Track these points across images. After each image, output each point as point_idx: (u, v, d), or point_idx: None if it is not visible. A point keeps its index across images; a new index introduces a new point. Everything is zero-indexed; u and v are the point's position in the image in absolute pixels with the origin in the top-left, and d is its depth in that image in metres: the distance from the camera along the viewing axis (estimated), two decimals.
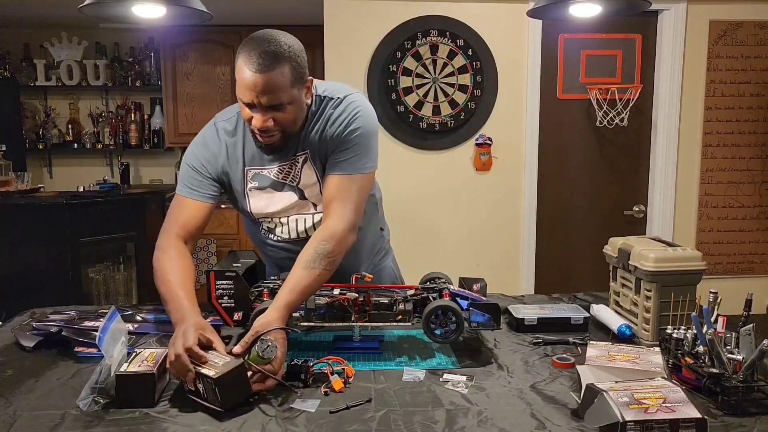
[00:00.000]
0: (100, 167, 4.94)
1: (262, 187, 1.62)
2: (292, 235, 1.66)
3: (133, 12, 1.68)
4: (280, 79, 1.41)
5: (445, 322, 1.41)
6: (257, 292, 1.48)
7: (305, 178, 1.60)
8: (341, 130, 1.54)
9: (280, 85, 1.42)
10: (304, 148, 1.58)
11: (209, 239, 4.42)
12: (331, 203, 1.53)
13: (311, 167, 1.59)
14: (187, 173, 1.61)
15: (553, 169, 3.66)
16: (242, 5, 3.99)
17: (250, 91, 1.42)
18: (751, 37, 3.57)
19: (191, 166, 1.62)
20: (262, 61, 1.40)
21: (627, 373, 1.22)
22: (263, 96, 1.41)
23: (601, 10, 1.87)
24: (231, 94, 4.69)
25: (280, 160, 1.59)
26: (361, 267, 1.72)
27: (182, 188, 1.61)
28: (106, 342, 1.26)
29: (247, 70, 1.41)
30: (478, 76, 3.51)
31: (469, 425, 1.13)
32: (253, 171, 1.61)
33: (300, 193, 1.62)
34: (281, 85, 1.42)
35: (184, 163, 1.65)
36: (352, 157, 1.54)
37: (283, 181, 1.61)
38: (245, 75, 1.41)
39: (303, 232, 1.65)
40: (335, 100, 1.57)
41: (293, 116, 1.49)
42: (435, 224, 3.60)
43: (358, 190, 1.55)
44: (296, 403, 1.21)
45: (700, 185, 3.69)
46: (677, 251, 1.58)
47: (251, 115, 1.46)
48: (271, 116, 1.45)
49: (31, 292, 3.09)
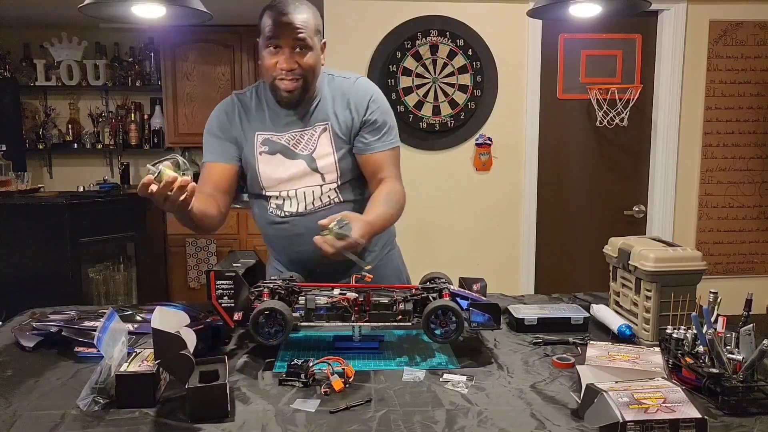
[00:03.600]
0: (100, 167, 4.94)
1: (273, 152, 1.71)
2: (300, 208, 1.71)
3: (133, 12, 1.68)
4: (305, 21, 1.60)
5: (445, 322, 1.41)
6: (257, 292, 1.48)
7: (321, 148, 1.70)
8: (364, 110, 1.70)
9: (305, 26, 1.60)
10: (323, 119, 1.71)
11: (209, 239, 4.42)
12: (381, 175, 1.71)
13: (329, 138, 1.70)
14: (207, 141, 1.77)
15: (553, 169, 3.66)
16: (242, 5, 3.98)
17: (280, 29, 1.58)
18: (751, 37, 3.57)
19: (210, 133, 1.78)
20: (291, 6, 1.60)
21: (627, 373, 1.22)
22: (292, 33, 1.58)
23: (601, 10, 1.87)
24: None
25: (295, 127, 1.70)
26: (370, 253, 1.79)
27: (206, 155, 1.77)
28: (106, 342, 1.26)
29: (277, 14, 1.59)
30: (478, 76, 3.51)
31: (469, 425, 1.13)
32: (264, 136, 1.71)
33: (311, 162, 1.70)
34: (307, 26, 1.60)
35: (204, 134, 1.79)
36: (383, 135, 1.73)
37: (293, 149, 1.70)
38: (277, 17, 1.59)
39: (311, 203, 1.70)
40: (349, 79, 1.74)
41: (313, 63, 1.64)
42: (435, 224, 3.60)
43: (398, 162, 1.77)
44: (296, 403, 1.21)
45: (700, 185, 3.69)
46: (677, 251, 1.58)
47: (276, 60, 1.61)
48: (296, 59, 1.60)
49: (31, 292, 3.09)
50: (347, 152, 1.73)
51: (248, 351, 1.50)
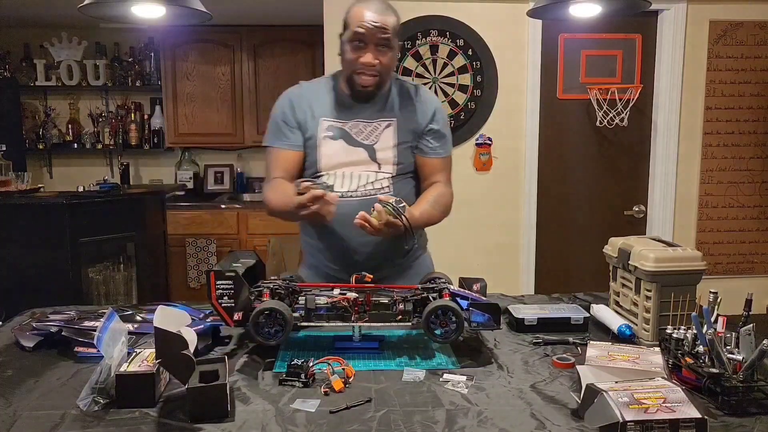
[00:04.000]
0: (100, 167, 4.94)
1: (335, 137, 1.80)
2: (352, 187, 1.78)
3: (133, 12, 1.68)
4: (390, 24, 1.72)
5: (445, 322, 1.41)
6: (257, 292, 1.48)
7: (383, 141, 1.80)
8: (430, 117, 1.85)
9: (390, 28, 1.72)
10: (390, 116, 1.82)
11: (209, 239, 4.42)
12: (436, 178, 1.87)
13: (392, 134, 1.81)
14: (275, 127, 1.84)
15: (553, 169, 3.66)
16: (242, 5, 3.99)
17: (368, 27, 1.69)
18: (751, 37, 3.57)
19: (277, 119, 1.84)
20: (380, 7, 1.72)
21: (627, 373, 1.22)
22: (378, 32, 1.69)
23: (601, 10, 1.87)
24: (231, 94, 4.70)
25: (361, 119, 1.80)
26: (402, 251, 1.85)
27: (272, 140, 1.84)
28: (105, 342, 1.26)
29: (367, 11, 1.70)
30: (478, 76, 3.51)
31: (469, 425, 1.13)
32: (329, 122, 1.80)
33: (372, 152, 1.80)
34: (391, 29, 1.72)
35: (270, 119, 1.86)
36: (444, 143, 1.89)
37: (356, 137, 1.80)
38: (366, 14, 1.69)
39: (363, 186, 1.78)
40: (414, 86, 1.90)
41: (391, 63, 1.76)
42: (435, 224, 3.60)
43: (450, 170, 1.94)
44: (296, 403, 1.21)
45: (700, 185, 3.69)
46: (677, 251, 1.58)
47: (358, 56, 1.71)
48: (377, 57, 1.71)
49: (31, 292, 3.09)
50: (406, 149, 1.83)
51: (248, 351, 1.50)
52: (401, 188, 1.82)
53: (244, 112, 4.72)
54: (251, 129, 4.74)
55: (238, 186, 5.04)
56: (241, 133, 4.74)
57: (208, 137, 4.77)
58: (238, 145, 4.85)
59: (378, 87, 1.77)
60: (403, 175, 1.84)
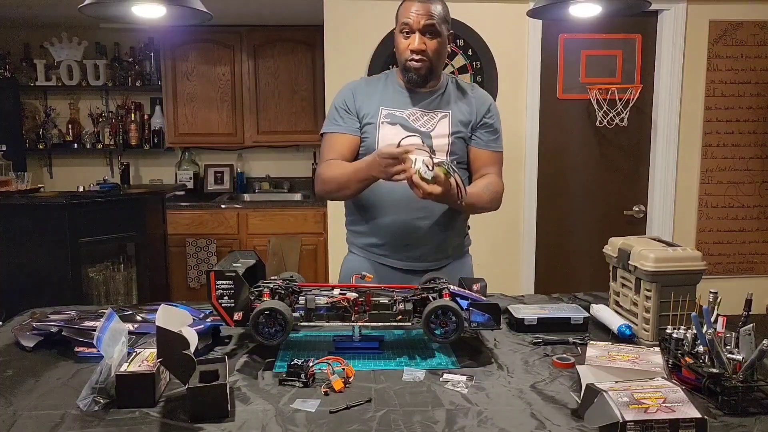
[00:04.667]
0: (100, 167, 4.94)
1: (393, 123, 1.88)
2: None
3: (133, 12, 1.68)
4: (436, 10, 1.81)
5: (445, 322, 1.41)
6: (257, 292, 1.48)
7: (439, 129, 1.88)
8: (484, 112, 1.93)
9: (435, 14, 1.80)
10: (446, 108, 1.91)
11: (209, 239, 4.42)
12: (488, 170, 1.93)
13: (447, 124, 1.89)
14: (333, 114, 1.93)
15: (553, 169, 3.66)
16: (242, 5, 3.99)
17: (413, 15, 1.79)
18: (751, 37, 3.57)
19: (336, 108, 1.93)
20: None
21: (627, 373, 1.22)
22: (424, 17, 1.79)
23: (601, 10, 1.87)
24: (231, 94, 4.69)
25: (420, 108, 1.89)
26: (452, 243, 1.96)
27: (330, 127, 1.93)
28: (105, 342, 1.26)
29: (414, 2, 1.80)
30: (478, 76, 3.51)
31: (469, 425, 1.13)
32: (387, 110, 1.89)
33: (427, 139, 1.87)
34: (436, 15, 1.81)
35: (331, 108, 1.96)
36: (497, 138, 1.97)
37: (413, 124, 1.88)
38: (411, 5, 1.80)
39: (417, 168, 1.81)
40: (468, 85, 1.99)
41: (440, 49, 1.84)
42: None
43: (501, 165, 2.00)
44: (296, 403, 1.21)
45: (700, 185, 3.69)
46: (677, 251, 1.58)
47: (408, 43, 1.82)
48: (425, 42, 1.81)
49: (31, 292, 3.09)
50: (459, 139, 1.90)
51: (248, 351, 1.50)
52: None
53: (244, 112, 4.72)
54: (251, 129, 4.74)
55: (238, 186, 5.04)
56: (241, 133, 4.74)
57: (208, 137, 4.77)
58: (238, 145, 4.85)
59: (429, 72, 1.85)
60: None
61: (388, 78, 1.96)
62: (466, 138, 1.91)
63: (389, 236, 1.88)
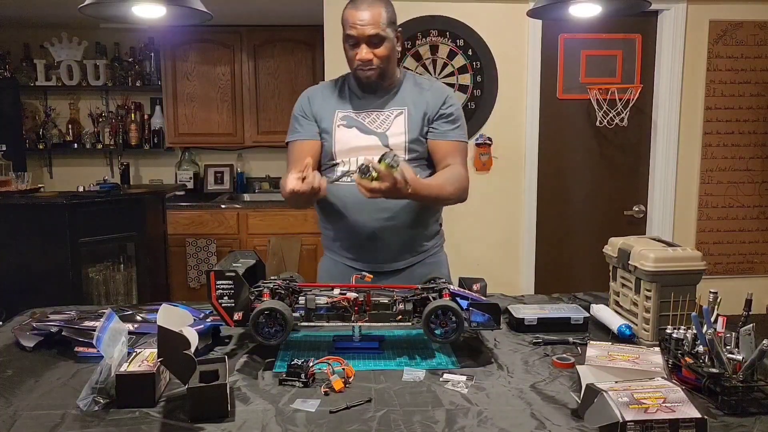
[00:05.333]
0: (100, 167, 4.94)
1: (349, 126, 1.88)
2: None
3: (133, 12, 1.68)
4: (379, 16, 1.78)
5: (445, 322, 1.41)
6: (257, 292, 1.48)
7: (395, 128, 1.87)
8: (441, 103, 1.90)
9: (379, 21, 1.78)
10: (401, 105, 1.89)
11: (209, 239, 4.42)
12: (450, 160, 1.88)
13: (404, 121, 1.88)
14: (294, 122, 1.96)
15: (553, 169, 3.66)
16: (242, 5, 3.99)
17: (357, 27, 1.77)
18: (751, 37, 3.57)
19: (295, 116, 1.95)
20: (366, 4, 1.79)
21: (627, 373, 1.22)
22: (367, 27, 1.76)
23: (601, 10, 1.87)
24: (231, 94, 4.69)
25: (376, 109, 1.89)
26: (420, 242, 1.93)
27: (291, 135, 1.95)
28: (105, 342, 1.26)
29: (355, 11, 1.78)
30: (478, 76, 3.51)
31: (469, 425, 1.13)
32: (343, 113, 1.90)
33: (384, 139, 1.87)
34: (380, 21, 1.78)
35: (292, 116, 1.97)
36: (457, 128, 1.92)
37: (369, 126, 1.88)
38: (354, 15, 1.78)
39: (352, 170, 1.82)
40: (425, 80, 1.98)
41: (388, 53, 1.82)
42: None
43: (465, 155, 1.95)
44: (296, 403, 1.21)
45: (700, 185, 3.69)
46: (677, 251, 1.58)
47: (355, 53, 1.81)
48: (372, 50, 1.79)
49: (31, 292, 3.08)
50: (418, 136, 1.88)
51: (248, 351, 1.50)
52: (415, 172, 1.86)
53: (244, 112, 4.72)
54: (251, 129, 4.74)
55: (238, 186, 5.04)
56: (241, 133, 4.74)
57: (208, 137, 4.77)
58: (238, 145, 4.85)
59: (381, 77, 1.85)
60: (416, 160, 1.88)
61: (344, 81, 1.96)
62: (424, 133, 1.89)
63: (356, 238, 1.87)
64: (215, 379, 1.19)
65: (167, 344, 1.21)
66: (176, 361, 1.21)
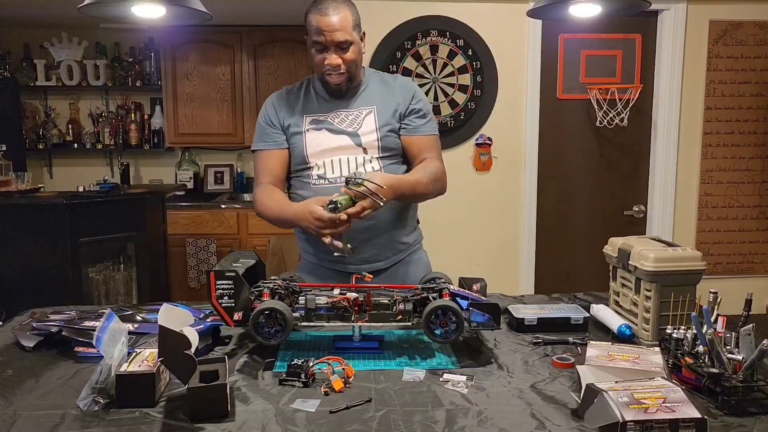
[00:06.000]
0: (100, 167, 4.94)
1: (319, 128, 1.87)
2: (344, 173, 1.83)
3: (133, 12, 1.68)
4: (346, 21, 1.77)
5: (445, 322, 1.41)
6: (257, 292, 1.48)
7: (365, 127, 1.86)
8: (410, 99, 1.90)
9: (346, 25, 1.77)
10: (369, 104, 1.88)
11: (209, 239, 4.42)
12: (426, 155, 1.89)
13: (373, 119, 1.87)
14: (260, 130, 1.93)
15: (553, 169, 3.66)
16: (242, 5, 3.99)
17: (324, 33, 1.75)
18: (751, 37, 3.57)
19: (260, 124, 1.93)
20: (332, 8, 1.76)
21: (627, 373, 1.22)
22: (334, 33, 1.75)
23: (601, 10, 1.87)
24: (231, 94, 4.70)
25: (344, 109, 1.88)
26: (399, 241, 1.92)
27: (258, 144, 1.93)
28: (105, 342, 1.26)
29: (321, 16, 1.75)
30: (478, 76, 3.51)
31: (469, 425, 1.13)
32: (312, 117, 1.89)
33: (355, 138, 1.86)
34: (347, 25, 1.77)
35: (257, 124, 1.95)
36: (428, 122, 1.93)
37: (339, 126, 1.86)
38: (320, 20, 1.75)
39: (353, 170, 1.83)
40: (390, 76, 1.97)
41: (355, 57, 1.82)
42: (435, 224, 3.58)
43: (439, 148, 1.96)
44: (296, 403, 1.21)
45: (700, 185, 3.68)
46: (677, 251, 1.58)
47: (324, 58, 1.78)
48: (340, 55, 1.78)
49: (31, 292, 3.08)
50: (389, 132, 1.88)
51: (248, 351, 1.50)
52: (391, 171, 1.85)
53: (244, 112, 4.72)
54: (251, 129, 4.73)
55: (238, 186, 5.04)
56: (241, 133, 4.74)
57: (208, 137, 4.77)
58: (238, 145, 4.85)
59: (349, 81, 1.84)
60: (390, 158, 1.88)
61: (309, 84, 1.94)
62: (395, 130, 1.89)
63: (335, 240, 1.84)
64: (215, 379, 1.19)
65: (168, 344, 1.21)
66: (176, 361, 1.21)
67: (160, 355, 1.22)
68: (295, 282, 1.54)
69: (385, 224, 1.85)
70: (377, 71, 1.99)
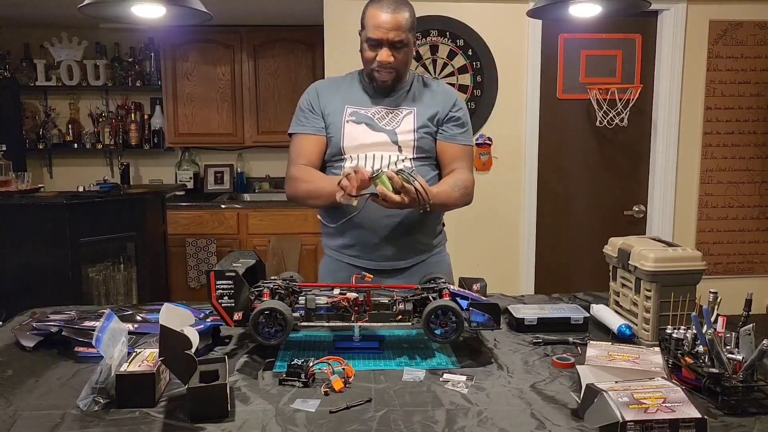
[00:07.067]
0: (100, 167, 4.94)
1: (358, 122, 1.87)
2: (376, 167, 1.83)
3: (133, 12, 1.68)
4: (404, 21, 1.77)
5: (445, 322, 1.41)
6: (257, 292, 1.48)
7: (404, 126, 1.87)
8: (450, 106, 1.91)
9: (404, 25, 1.77)
10: (410, 105, 1.90)
11: (209, 239, 4.42)
12: (457, 164, 1.91)
13: (412, 120, 1.88)
14: (299, 114, 1.93)
15: (553, 169, 3.66)
16: (242, 5, 3.99)
17: (382, 29, 1.75)
18: (751, 37, 3.57)
19: (301, 108, 1.94)
20: (393, 6, 1.77)
21: (627, 373, 1.22)
22: (392, 32, 1.75)
23: (601, 10, 1.87)
24: (231, 94, 4.70)
25: (385, 106, 1.89)
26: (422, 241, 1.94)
27: (295, 127, 1.93)
28: (105, 342, 1.26)
29: (381, 13, 1.76)
30: (478, 76, 3.51)
31: (469, 425, 1.13)
32: (352, 108, 1.89)
33: (393, 136, 1.86)
34: (405, 26, 1.78)
35: (297, 108, 1.96)
36: (465, 132, 1.94)
37: (378, 123, 1.87)
38: (379, 16, 1.75)
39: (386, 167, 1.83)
40: (433, 81, 2.00)
41: (407, 58, 1.84)
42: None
43: (471, 159, 1.99)
44: (296, 403, 1.21)
45: (700, 185, 3.68)
46: (677, 251, 1.58)
47: (375, 54, 1.78)
48: (393, 54, 1.78)
49: (31, 292, 3.08)
50: (426, 134, 1.89)
51: (248, 351, 1.50)
52: (423, 172, 1.86)
53: (244, 112, 4.72)
54: (251, 129, 4.74)
55: (238, 186, 5.04)
56: (241, 133, 4.74)
57: (208, 137, 4.77)
58: (238, 145, 4.85)
59: (396, 81, 1.86)
60: (423, 159, 1.89)
61: (353, 77, 1.95)
62: (432, 133, 1.90)
63: (358, 236, 1.87)
64: (215, 379, 1.19)
65: (168, 344, 1.22)
66: (177, 360, 1.21)
67: (161, 354, 1.22)
68: (295, 282, 1.54)
69: (409, 225, 1.86)
70: (420, 75, 2.00)
